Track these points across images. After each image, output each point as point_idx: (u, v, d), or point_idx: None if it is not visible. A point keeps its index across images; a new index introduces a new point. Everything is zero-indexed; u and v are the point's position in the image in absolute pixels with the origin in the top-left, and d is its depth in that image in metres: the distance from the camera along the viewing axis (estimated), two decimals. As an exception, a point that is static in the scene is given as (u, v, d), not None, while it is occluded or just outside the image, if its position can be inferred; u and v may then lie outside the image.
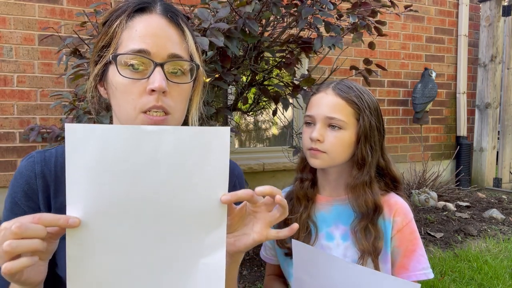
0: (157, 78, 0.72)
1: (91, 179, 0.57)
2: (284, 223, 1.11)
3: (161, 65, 0.73)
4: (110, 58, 0.74)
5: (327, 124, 1.02)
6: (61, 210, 0.78)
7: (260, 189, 0.67)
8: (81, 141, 0.56)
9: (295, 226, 0.72)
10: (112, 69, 0.76)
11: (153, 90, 0.72)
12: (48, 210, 0.79)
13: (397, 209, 1.05)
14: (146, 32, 0.74)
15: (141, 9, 0.76)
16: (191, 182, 0.62)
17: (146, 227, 0.61)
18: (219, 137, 0.63)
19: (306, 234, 1.07)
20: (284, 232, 0.72)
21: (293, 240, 1.02)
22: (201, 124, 0.91)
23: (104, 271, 0.60)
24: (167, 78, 0.74)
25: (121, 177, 0.58)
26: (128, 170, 0.58)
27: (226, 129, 0.63)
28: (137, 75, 0.73)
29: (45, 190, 0.79)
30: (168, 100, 0.75)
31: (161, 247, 0.62)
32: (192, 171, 0.62)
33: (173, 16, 0.78)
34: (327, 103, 1.03)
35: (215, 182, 0.63)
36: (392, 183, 1.11)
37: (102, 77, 0.79)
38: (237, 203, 0.69)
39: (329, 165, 1.04)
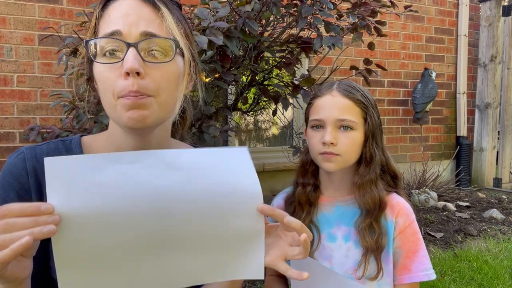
0: (129, 59, 0.67)
1: (77, 201, 0.58)
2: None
3: (135, 45, 0.69)
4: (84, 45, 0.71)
5: (338, 126, 1.02)
6: None
7: (290, 219, 0.66)
8: (61, 172, 0.57)
9: (305, 275, 0.69)
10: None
11: (127, 74, 0.68)
12: None
13: (399, 210, 1.05)
14: (117, 15, 0.71)
15: None
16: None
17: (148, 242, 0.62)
18: (239, 155, 0.65)
19: None
20: (293, 274, 0.69)
21: None
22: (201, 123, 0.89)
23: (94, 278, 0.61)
24: (143, 59, 0.69)
25: (110, 197, 0.59)
26: (120, 193, 0.59)
27: (244, 149, 0.65)
28: (113, 59, 0.70)
29: (38, 189, 0.74)
30: (146, 82, 0.69)
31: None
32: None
33: None
34: (336, 105, 1.03)
35: (249, 194, 0.65)
36: (392, 180, 1.11)
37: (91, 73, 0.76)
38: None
39: (342, 167, 1.04)
